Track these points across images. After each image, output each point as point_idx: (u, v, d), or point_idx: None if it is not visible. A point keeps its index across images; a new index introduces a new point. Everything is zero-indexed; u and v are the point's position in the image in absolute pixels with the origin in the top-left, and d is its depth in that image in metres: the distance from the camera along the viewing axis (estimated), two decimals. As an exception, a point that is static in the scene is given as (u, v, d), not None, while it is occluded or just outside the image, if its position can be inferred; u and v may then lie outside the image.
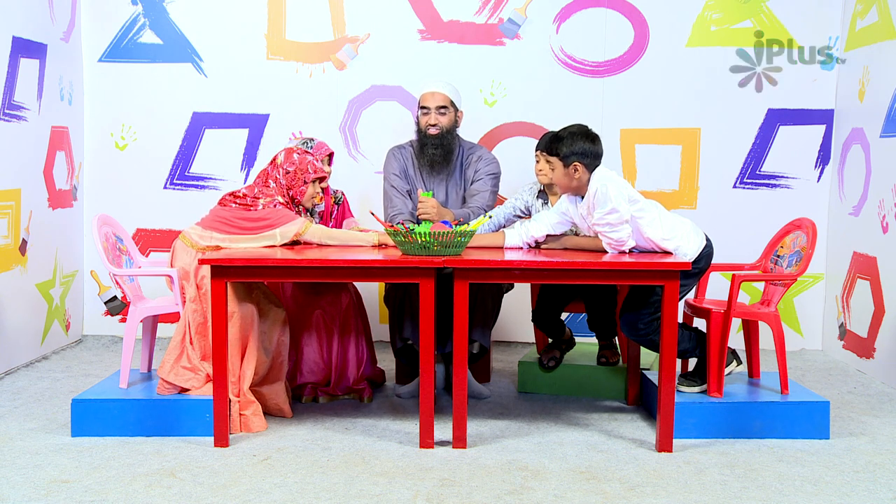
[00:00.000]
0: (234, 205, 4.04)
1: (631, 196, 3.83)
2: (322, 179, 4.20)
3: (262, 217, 3.99)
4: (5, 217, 4.80)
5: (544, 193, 4.50)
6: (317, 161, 4.20)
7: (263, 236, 3.98)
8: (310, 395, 4.35)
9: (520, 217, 4.55)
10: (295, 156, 4.13)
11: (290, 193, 4.10)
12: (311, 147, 4.50)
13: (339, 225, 4.71)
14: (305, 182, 4.11)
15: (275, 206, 4.03)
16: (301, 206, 4.18)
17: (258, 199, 4.04)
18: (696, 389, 4.01)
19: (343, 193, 4.79)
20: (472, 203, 4.56)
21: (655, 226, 3.84)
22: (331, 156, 4.58)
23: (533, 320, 4.63)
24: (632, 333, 3.93)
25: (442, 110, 4.54)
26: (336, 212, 4.71)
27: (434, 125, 4.55)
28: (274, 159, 4.16)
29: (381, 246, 4.02)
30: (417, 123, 4.64)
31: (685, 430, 3.84)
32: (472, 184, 4.62)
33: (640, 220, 3.84)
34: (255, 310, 3.97)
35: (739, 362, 4.09)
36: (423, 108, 4.59)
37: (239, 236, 3.98)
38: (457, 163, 4.65)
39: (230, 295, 3.85)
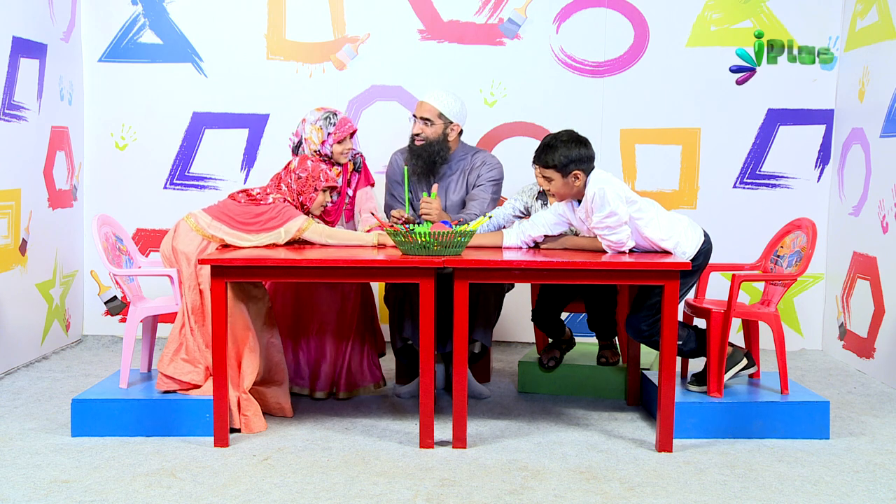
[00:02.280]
0: (243, 201, 4.07)
1: (629, 197, 3.82)
2: (333, 189, 4.22)
3: (267, 211, 4.00)
4: (5, 217, 4.80)
5: (543, 195, 4.49)
6: (329, 170, 4.22)
7: (268, 235, 3.99)
8: (323, 389, 4.36)
9: (519, 218, 4.54)
10: (309, 163, 4.16)
11: (300, 199, 4.12)
12: (335, 123, 4.35)
13: (359, 187, 4.55)
14: (316, 189, 4.13)
15: (283, 200, 4.05)
16: (311, 214, 4.19)
17: (269, 194, 4.08)
18: (697, 389, 4.01)
19: (362, 156, 4.58)
20: (469, 209, 4.50)
21: (653, 226, 3.84)
22: (353, 133, 4.45)
23: (533, 320, 4.63)
24: (636, 336, 3.93)
25: (426, 121, 4.48)
26: (356, 181, 4.54)
27: (417, 135, 4.50)
28: (288, 164, 4.19)
29: (381, 246, 4.02)
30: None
31: (685, 430, 3.84)
32: (472, 189, 4.58)
33: (638, 220, 3.83)
34: (257, 308, 3.98)
35: (750, 364, 4.07)
36: (413, 115, 4.56)
37: (244, 234, 3.99)
38: (458, 166, 4.60)
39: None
